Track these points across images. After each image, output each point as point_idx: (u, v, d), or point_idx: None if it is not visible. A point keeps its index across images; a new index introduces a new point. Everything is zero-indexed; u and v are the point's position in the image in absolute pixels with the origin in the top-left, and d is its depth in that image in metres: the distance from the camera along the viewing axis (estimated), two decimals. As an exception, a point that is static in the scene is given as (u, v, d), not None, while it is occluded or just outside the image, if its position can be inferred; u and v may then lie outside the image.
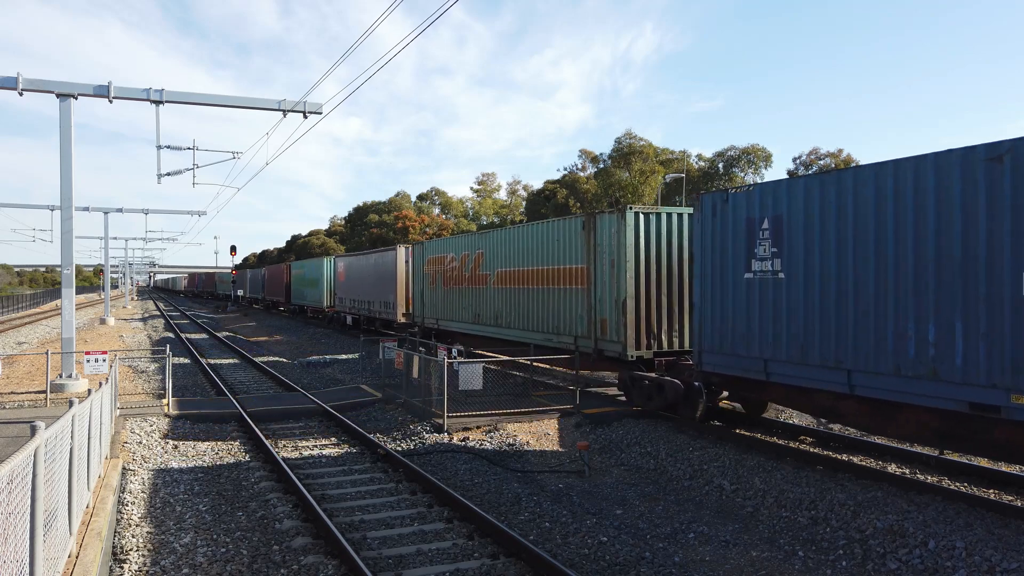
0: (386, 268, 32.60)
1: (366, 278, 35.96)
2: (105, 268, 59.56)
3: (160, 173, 22.12)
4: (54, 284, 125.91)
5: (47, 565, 5.53)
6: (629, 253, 15.51)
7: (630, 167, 57.09)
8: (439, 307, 25.98)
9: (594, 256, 16.60)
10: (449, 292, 25.04)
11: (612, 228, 15.94)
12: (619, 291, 15.60)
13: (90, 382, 19.02)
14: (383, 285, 33.03)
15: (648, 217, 15.77)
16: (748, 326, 12.21)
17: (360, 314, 36.93)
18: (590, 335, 16.74)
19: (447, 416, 15.19)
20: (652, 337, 15.71)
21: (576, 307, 17.36)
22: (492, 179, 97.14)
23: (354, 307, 37.96)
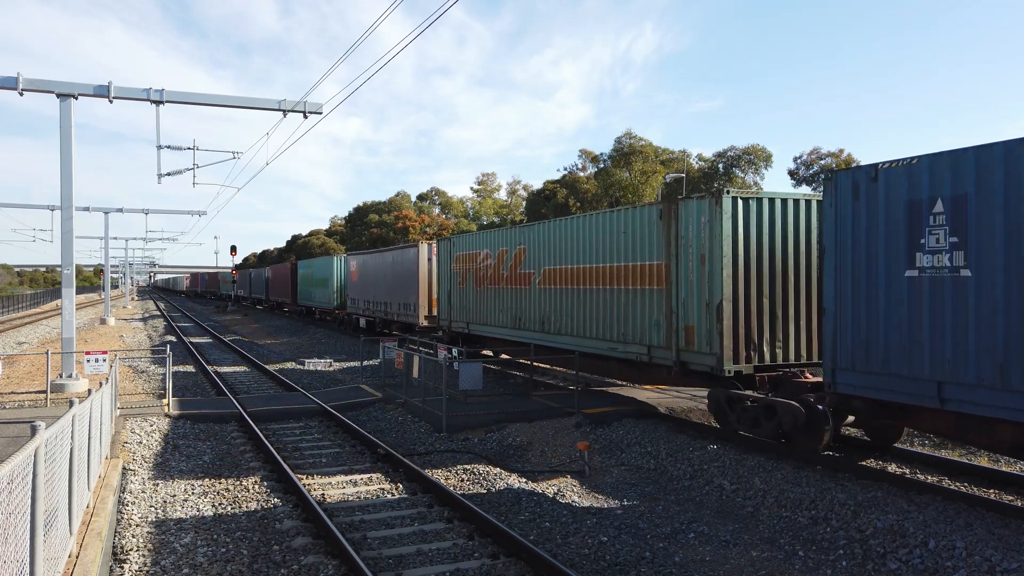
0: (406, 267, 30.28)
1: (383, 278, 33.47)
2: (105, 268, 59.58)
3: (160, 173, 22.13)
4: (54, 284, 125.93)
5: (47, 565, 5.54)
6: (726, 247, 12.93)
7: (630, 167, 57.08)
8: (470, 310, 23.37)
9: (676, 250, 14.08)
10: (482, 293, 22.49)
11: (702, 216, 13.42)
12: (711, 292, 13.16)
13: (90, 382, 19.02)
14: (403, 285, 30.59)
15: (748, 204, 13.20)
16: (912, 338, 9.71)
17: (375, 316, 34.52)
18: (669, 345, 14.21)
19: (447, 416, 15.19)
20: (752, 348, 13.18)
21: (649, 311, 14.90)
22: (492, 179, 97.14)
23: (368, 309, 35.66)
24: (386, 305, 32.90)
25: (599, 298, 16.59)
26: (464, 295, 23.87)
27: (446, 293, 25.50)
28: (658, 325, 14.64)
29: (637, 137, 58.77)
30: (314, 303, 47.20)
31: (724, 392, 13.25)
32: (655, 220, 14.78)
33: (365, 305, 36.38)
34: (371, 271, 35.52)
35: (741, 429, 12.90)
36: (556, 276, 18.44)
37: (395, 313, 31.66)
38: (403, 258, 31.03)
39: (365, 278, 36.62)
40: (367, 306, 36.07)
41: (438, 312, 26.56)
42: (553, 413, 15.77)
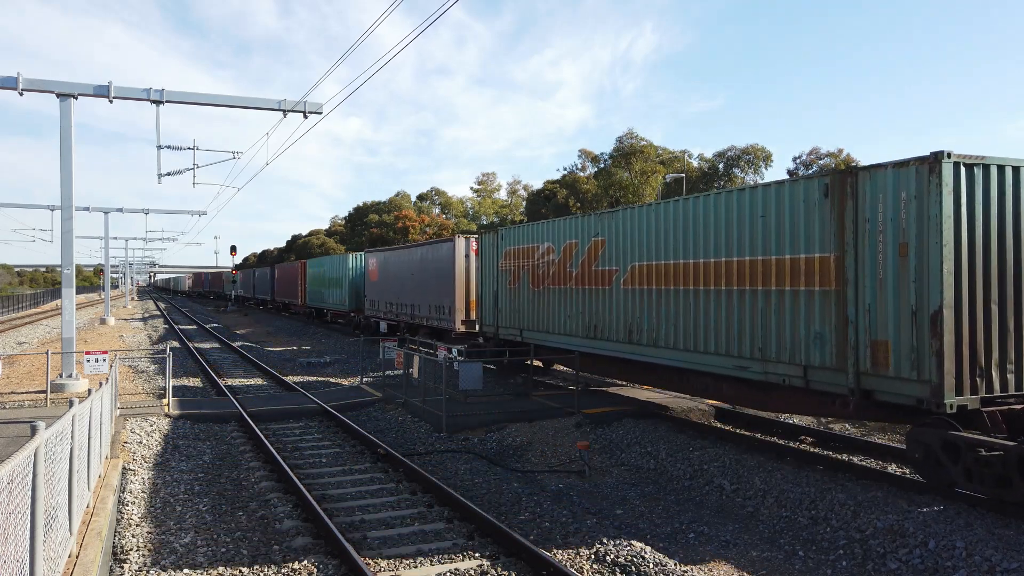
0: (440, 264, 26.55)
1: (409, 277, 29.84)
2: (105, 268, 59.59)
3: (160, 173, 22.14)
4: (54, 284, 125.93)
5: (47, 565, 5.54)
6: (946, 233, 9.47)
7: (630, 167, 57.08)
8: (525, 314, 20.01)
9: (855, 238, 10.61)
10: (541, 295, 19.12)
11: (903, 191, 10.00)
12: (920, 296, 9.70)
13: (90, 382, 19.02)
14: (435, 285, 26.88)
15: (974, 172, 9.76)
16: None
17: (399, 320, 30.95)
18: (841, 366, 10.71)
19: (446, 415, 15.19)
20: (979, 374, 9.68)
21: (806, 320, 11.37)
22: (492, 179, 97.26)
23: (391, 311, 32.05)
24: (413, 308, 29.35)
25: (720, 302, 13.07)
26: (516, 297, 20.54)
27: (491, 294, 22.06)
28: (821, 339, 11.11)
29: (638, 137, 58.78)
30: (326, 304, 43.95)
31: (938, 434, 9.75)
32: (817, 199, 11.32)
33: (387, 307, 32.96)
34: (394, 270, 32.05)
35: (973, 488, 9.46)
36: (650, 274, 14.92)
37: (424, 317, 28.17)
38: (436, 254, 27.28)
39: (387, 277, 33.13)
40: (389, 308, 32.59)
41: (480, 316, 23.10)
42: (553, 413, 15.77)
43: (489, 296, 22.29)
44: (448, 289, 25.78)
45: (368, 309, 36.04)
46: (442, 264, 26.49)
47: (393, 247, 34.34)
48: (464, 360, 17.73)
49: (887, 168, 10.24)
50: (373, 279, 35.31)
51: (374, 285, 35.12)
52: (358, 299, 38.24)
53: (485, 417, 15.63)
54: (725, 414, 16.20)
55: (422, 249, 29.12)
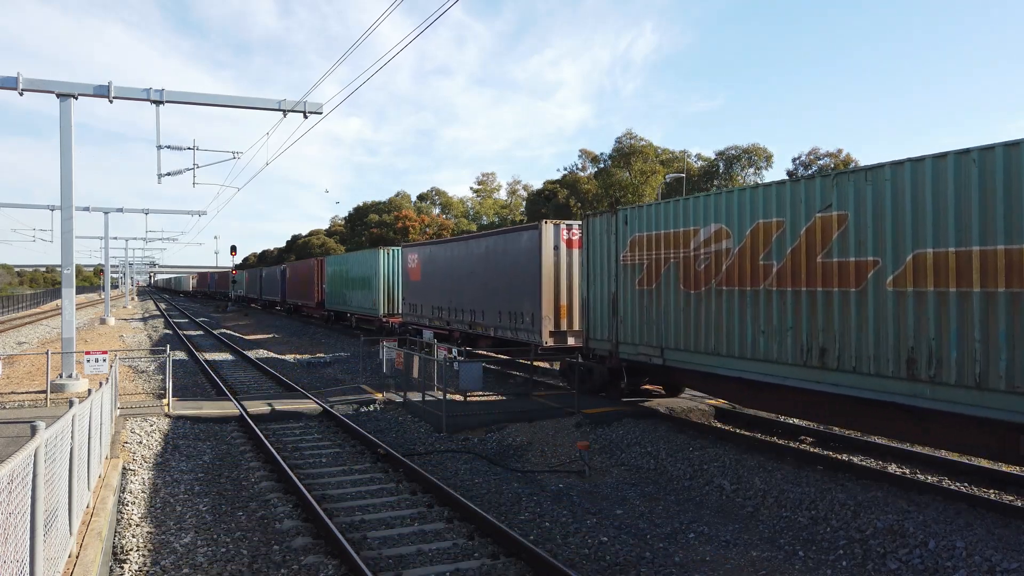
0: (517, 259, 21.01)
1: (467, 276, 24.35)
2: (105, 268, 59.60)
3: (160, 173, 22.14)
4: (54, 284, 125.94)
5: (47, 565, 5.54)
6: None
7: (630, 167, 57.08)
8: (670, 327, 14.57)
9: None
10: (702, 300, 13.66)
11: None
12: None
13: (90, 382, 19.03)
14: (509, 286, 21.29)
15: None
16: None
17: (451, 328, 25.50)
18: None
19: (447, 416, 15.19)
20: None
21: None
22: (492, 179, 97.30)
23: (440, 318, 26.56)
24: (472, 314, 23.65)
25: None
26: (653, 302, 15.09)
27: (604, 298, 16.74)
28: None
29: (638, 137, 58.82)
30: (350, 308, 38.68)
31: None
32: None
33: (434, 313, 27.25)
34: (445, 267, 26.39)
35: None
36: (962, 269, 9.48)
37: (490, 326, 22.53)
38: (511, 246, 21.53)
39: (434, 277, 27.55)
40: (437, 314, 26.91)
41: (585, 328, 17.58)
42: (553, 413, 15.77)
43: (600, 301, 16.85)
44: (530, 291, 20.12)
45: (407, 315, 30.52)
46: (521, 258, 20.76)
47: (443, 239, 28.43)
48: (464, 360, 17.72)
49: None
50: (414, 279, 29.71)
51: (415, 286, 29.56)
52: (391, 302, 33.79)
53: (485, 417, 15.63)
54: (725, 414, 16.20)
55: (488, 240, 23.21)
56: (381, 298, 33.86)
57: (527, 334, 20.37)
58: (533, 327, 19.98)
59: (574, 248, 19.69)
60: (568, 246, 19.84)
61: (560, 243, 19.92)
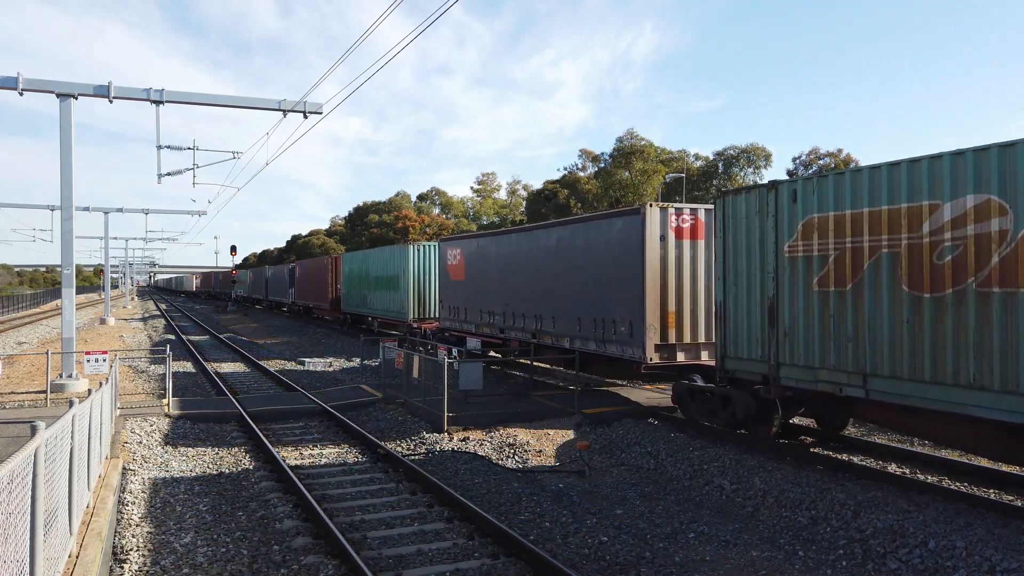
0: (610, 252, 16.58)
1: (533, 274, 19.97)
2: (105, 268, 59.61)
3: (160, 173, 22.14)
4: (54, 284, 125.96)
5: (47, 565, 5.54)
6: None
7: (630, 167, 57.11)
8: (872, 347, 10.57)
9: None
10: (938, 308, 9.76)
11: None
12: None
13: (90, 382, 19.02)
14: (598, 287, 16.98)
15: None
16: None
17: (508, 337, 21.28)
18: None
19: (447, 415, 15.19)
20: None
21: None
22: (492, 179, 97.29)
23: (492, 324, 22.16)
24: (540, 321, 19.50)
25: None
26: (842, 310, 11.03)
27: (751, 303, 12.65)
28: None
29: (638, 137, 58.85)
30: (372, 311, 34.48)
31: None
32: None
33: (483, 318, 22.81)
34: (500, 264, 21.95)
35: None
36: None
37: (568, 335, 18.23)
38: (599, 237, 17.10)
39: (484, 275, 23.01)
40: (487, 320, 22.50)
41: (721, 341, 13.39)
42: (553, 413, 15.77)
43: (747, 307, 12.73)
44: (627, 293, 15.89)
45: (445, 320, 26.01)
46: (613, 252, 16.50)
47: (497, 231, 23.66)
48: (464, 360, 17.73)
49: None
50: (455, 278, 25.19)
51: (457, 286, 25.04)
52: (423, 305, 29.86)
53: (485, 417, 15.62)
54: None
55: (562, 231, 18.86)
56: (411, 300, 29.71)
57: (621, 347, 16.07)
58: (632, 339, 15.65)
59: (685, 238, 15.63)
60: (677, 235, 15.62)
61: (668, 232, 15.63)
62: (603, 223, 17.14)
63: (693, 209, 15.84)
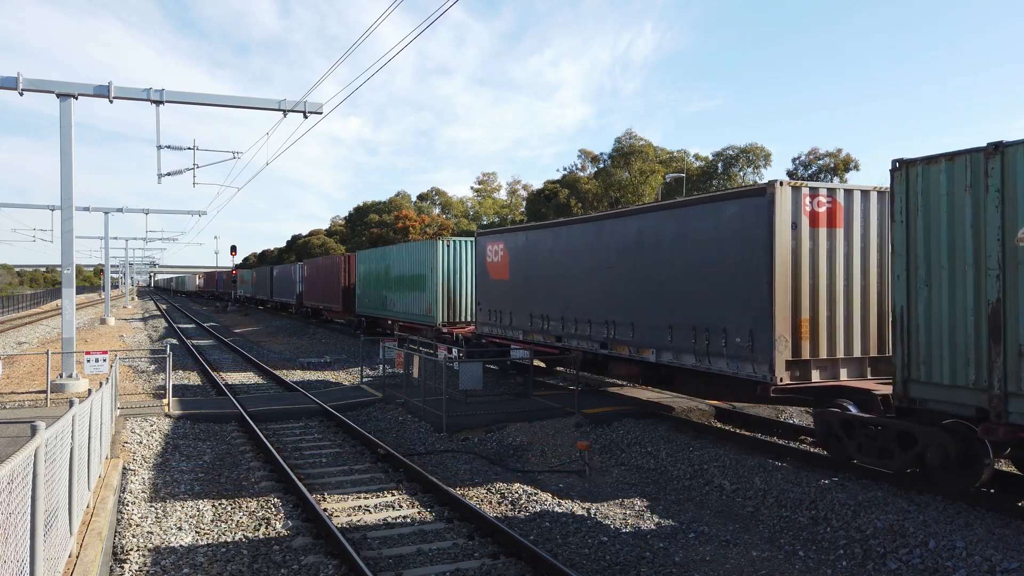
0: (715, 244, 13.50)
1: (601, 273, 16.72)
2: (105, 268, 59.62)
3: (160, 173, 22.13)
4: (54, 284, 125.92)
5: (47, 565, 5.54)
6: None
7: (630, 167, 57.11)
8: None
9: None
10: None
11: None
12: None
13: (90, 382, 19.02)
14: (700, 287, 13.82)
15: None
16: None
17: (571, 347, 17.85)
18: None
19: (447, 415, 15.19)
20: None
21: None
22: (492, 179, 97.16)
23: (545, 331, 19.01)
24: (613, 328, 16.14)
25: None
26: None
27: (954, 311, 9.65)
28: None
29: (637, 137, 58.86)
30: (391, 314, 31.51)
31: None
32: None
33: (533, 324, 19.66)
34: (557, 260, 18.72)
35: None
36: None
37: (655, 346, 14.92)
38: (699, 225, 13.95)
39: (535, 273, 19.81)
40: (539, 325, 19.33)
41: (903, 360, 10.26)
42: (553, 413, 15.77)
43: (951, 315, 9.66)
44: (745, 294, 12.80)
45: (484, 323, 22.82)
46: (727, 243, 13.25)
47: (551, 222, 20.31)
48: (464, 360, 17.72)
49: None
50: (497, 276, 22.06)
51: (500, 287, 21.89)
52: (453, 307, 26.74)
53: (485, 417, 15.63)
54: (725, 414, 16.20)
55: (647, 219, 15.39)
56: (439, 302, 26.47)
57: (734, 363, 12.95)
58: (753, 353, 12.49)
59: (820, 226, 12.51)
60: (812, 223, 12.47)
61: (800, 218, 12.44)
62: (706, 208, 13.88)
63: (831, 190, 12.80)
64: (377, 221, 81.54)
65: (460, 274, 26.81)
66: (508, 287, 21.36)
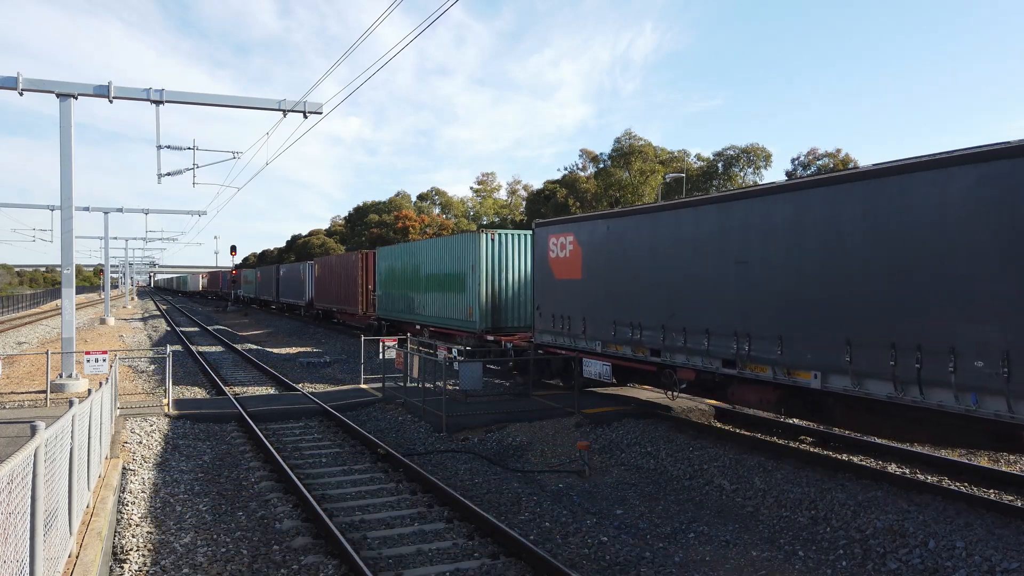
0: (939, 226, 9.72)
1: (726, 268, 13.20)
2: (105, 268, 59.60)
3: (160, 173, 22.13)
4: (54, 284, 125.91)
5: (47, 565, 5.54)
6: None
7: (630, 167, 57.13)
8: None
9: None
10: None
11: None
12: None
13: (90, 382, 19.02)
14: (907, 285, 10.07)
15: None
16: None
17: (674, 363, 14.34)
18: None
19: (447, 416, 15.19)
20: None
21: None
22: (492, 179, 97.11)
23: (638, 342, 15.26)
24: (748, 342, 12.67)
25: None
26: None
27: None
28: None
29: (637, 137, 58.87)
30: (420, 318, 27.99)
31: None
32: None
33: (618, 334, 15.88)
34: (652, 254, 15.10)
35: None
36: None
37: (808, 366, 11.63)
38: (922, 201, 9.93)
39: (622, 271, 15.97)
40: (629, 335, 15.53)
41: None
42: (553, 413, 15.77)
43: None
44: (1000, 300, 9.10)
45: (544, 332, 18.80)
46: (962, 227, 9.53)
47: (641, 207, 16.09)
48: (464, 360, 17.70)
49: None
50: (564, 275, 18.04)
51: (566, 288, 17.92)
52: (498, 312, 23.04)
53: (485, 417, 15.63)
54: (725, 414, 16.20)
55: (808, 197, 11.76)
56: (481, 305, 22.81)
57: (971, 396, 9.33)
58: (1010, 385, 8.92)
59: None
60: None
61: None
62: (922, 178, 10.00)
63: None
64: (377, 221, 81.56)
65: (507, 272, 23.30)
66: (580, 288, 17.44)
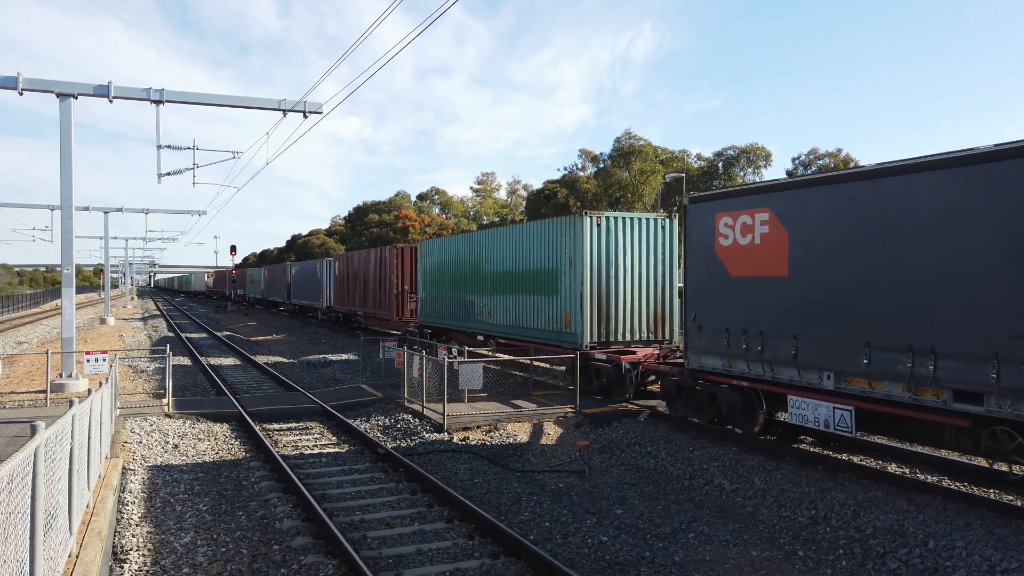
0: None
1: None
2: (105, 268, 59.60)
3: (160, 173, 22.13)
4: (54, 284, 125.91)
5: (47, 565, 5.54)
6: None
7: (630, 167, 57.15)
8: None
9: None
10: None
11: None
12: None
13: (90, 382, 19.02)
14: None
15: None
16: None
17: (1000, 413, 8.69)
18: None
19: (447, 415, 15.19)
20: None
21: None
22: (492, 179, 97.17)
23: (928, 379, 9.46)
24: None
25: None
26: None
27: None
28: None
29: (636, 137, 58.91)
30: (489, 326, 22.83)
31: None
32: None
33: (874, 362, 10.29)
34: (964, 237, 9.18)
35: None
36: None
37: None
38: None
39: (878, 265, 10.31)
40: (894, 368, 9.99)
41: None
42: (553, 413, 15.76)
43: None
44: None
45: (702, 352, 13.59)
46: None
47: (940, 155, 9.52)
48: (464, 360, 17.71)
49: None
50: (745, 270, 12.73)
51: (753, 290, 12.53)
52: (609, 320, 18.12)
53: (485, 417, 15.63)
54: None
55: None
56: (585, 312, 17.85)
57: None
58: None
59: None
60: None
61: None
62: None
63: None
64: (377, 221, 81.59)
65: (616, 268, 18.22)
66: (783, 290, 11.98)
